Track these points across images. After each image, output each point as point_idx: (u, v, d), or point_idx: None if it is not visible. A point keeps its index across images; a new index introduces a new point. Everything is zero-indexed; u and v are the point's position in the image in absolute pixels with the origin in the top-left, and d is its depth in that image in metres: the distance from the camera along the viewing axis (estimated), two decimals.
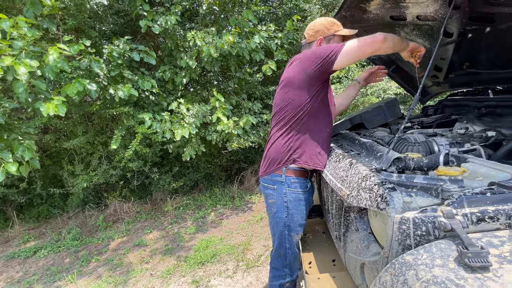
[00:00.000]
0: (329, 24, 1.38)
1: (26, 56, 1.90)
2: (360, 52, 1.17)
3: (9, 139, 1.95)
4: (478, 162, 0.85)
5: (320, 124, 1.30)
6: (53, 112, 1.96)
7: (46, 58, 1.96)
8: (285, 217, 1.29)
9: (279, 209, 1.30)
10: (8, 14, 3.04)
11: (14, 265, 2.98)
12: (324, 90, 1.29)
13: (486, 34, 1.18)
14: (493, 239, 0.59)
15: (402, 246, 0.69)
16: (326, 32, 1.37)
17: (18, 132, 2.03)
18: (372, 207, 0.81)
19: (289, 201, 1.28)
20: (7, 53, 1.88)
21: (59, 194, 4.36)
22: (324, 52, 1.18)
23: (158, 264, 2.57)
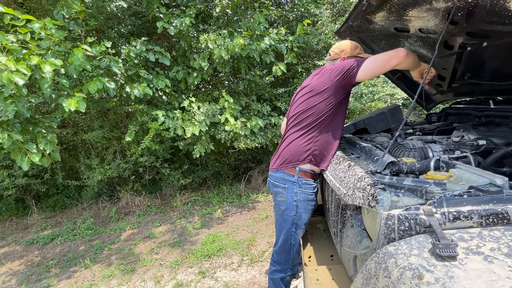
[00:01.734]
0: (353, 46, 1.54)
1: (52, 55, 2.06)
2: (382, 65, 1.27)
3: (34, 131, 2.11)
4: (464, 168, 0.93)
5: (337, 131, 1.42)
6: (74, 108, 2.12)
7: (71, 58, 2.11)
8: (294, 215, 1.39)
9: (288, 207, 1.39)
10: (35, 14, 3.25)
11: (34, 250, 3.19)
12: (346, 100, 1.43)
13: (484, 48, 1.25)
14: (464, 235, 0.68)
15: (388, 239, 0.78)
16: (350, 53, 1.52)
17: (43, 125, 2.20)
18: (364, 205, 0.90)
19: (299, 200, 1.38)
20: (35, 52, 2.05)
21: (75, 186, 4.59)
22: (348, 64, 1.31)
23: (167, 255, 2.71)
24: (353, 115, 3.81)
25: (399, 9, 1.35)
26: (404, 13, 1.36)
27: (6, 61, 1.70)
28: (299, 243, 1.43)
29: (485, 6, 1.00)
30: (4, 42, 1.78)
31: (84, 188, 4.62)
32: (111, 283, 2.34)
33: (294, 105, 1.53)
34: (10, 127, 1.93)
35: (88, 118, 3.79)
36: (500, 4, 0.96)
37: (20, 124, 2.03)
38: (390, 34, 1.63)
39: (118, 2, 3.28)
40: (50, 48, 2.18)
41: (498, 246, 0.62)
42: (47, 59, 2.06)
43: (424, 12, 1.26)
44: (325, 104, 1.37)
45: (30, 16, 2.13)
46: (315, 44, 4.00)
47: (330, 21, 3.92)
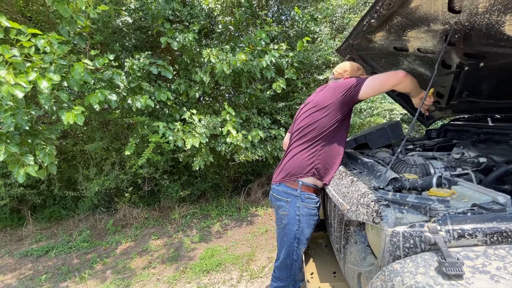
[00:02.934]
0: (356, 67, 1.62)
1: (55, 68, 2.10)
2: (382, 84, 1.34)
3: (33, 143, 2.12)
4: (467, 185, 0.94)
5: (340, 146, 1.45)
6: (72, 121, 2.14)
7: (72, 71, 2.15)
8: (296, 230, 1.38)
9: (290, 222, 1.38)
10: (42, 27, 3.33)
11: (27, 263, 3.11)
12: (348, 116, 1.47)
13: (481, 68, 1.29)
14: (469, 253, 0.68)
15: (393, 257, 0.78)
16: (353, 73, 1.59)
17: (42, 137, 2.21)
18: (369, 221, 0.90)
19: (301, 215, 1.37)
20: (39, 65, 2.09)
21: (72, 197, 4.54)
22: (351, 82, 1.38)
23: (164, 270, 2.65)
24: (353, 130, 3.85)
25: (398, 29, 1.40)
26: (403, 34, 1.41)
27: (6, 75, 1.74)
28: (301, 258, 1.41)
29: (481, 30, 1.05)
30: (7, 56, 1.82)
31: (81, 199, 4.57)
32: None
33: (298, 120, 1.56)
34: (9, 139, 1.94)
35: (89, 129, 3.80)
36: (495, 28, 1.00)
37: (20, 136, 2.04)
38: (389, 52, 1.68)
39: (123, 18, 3.37)
40: (54, 62, 2.22)
41: (504, 265, 0.62)
42: (46, 74, 2.09)
43: (423, 33, 1.31)
44: (329, 119, 1.40)
45: (35, 30, 2.18)
46: (315, 60, 4.10)
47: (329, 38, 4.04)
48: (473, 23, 1.04)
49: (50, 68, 2.19)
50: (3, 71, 1.74)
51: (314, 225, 1.42)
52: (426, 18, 1.18)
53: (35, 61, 2.14)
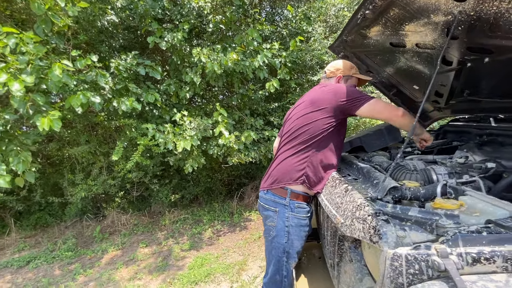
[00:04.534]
0: (349, 66, 1.52)
1: (31, 70, 1.96)
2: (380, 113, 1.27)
3: (7, 149, 1.97)
4: (477, 196, 0.82)
5: (334, 153, 1.32)
6: (48, 127, 1.99)
7: (50, 73, 2.01)
8: (285, 242, 1.25)
9: (279, 234, 1.26)
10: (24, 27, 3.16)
11: (6, 274, 2.93)
12: (344, 124, 1.38)
13: (485, 64, 1.18)
14: (488, 284, 0.56)
15: (394, 284, 0.66)
16: (346, 72, 1.49)
17: (17, 143, 2.06)
18: (365, 239, 0.78)
19: (290, 226, 1.25)
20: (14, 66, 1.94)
21: (58, 203, 4.35)
22: (356, 94, 1.27)
23: (150, 281, 2.50)
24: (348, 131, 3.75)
25: (395, 23, 1.29)
26: (400, 28, 1.30)
27: None
28: (291, 274, 1.29)
29: (488, 20, 0.94)
30: None
31: (68, 205, 4.39)
32: None
33: (289, 121, 1.44)
34: None
35: (74, 132, 3.63)
36: (505, 17, 0.89)
37: None
38: (385, 49, 1.57)
39: (109, 17, 3.23)
40: (30, 63, 2.07)
41: None
42: (18, 76, 1.93)
43: (422, 26, 1.20)
44: (323, 122, 1.29)
45: (11, 28, 2.04)
46: (309, 60, 4.00)
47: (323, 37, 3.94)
48: (479, 12, 0.93)
49: (26, 69, 2.05)
50: None
51: (306, 236, 1.29)
52: (427, 9, 1.07)
53: (10, 62, 1.99)
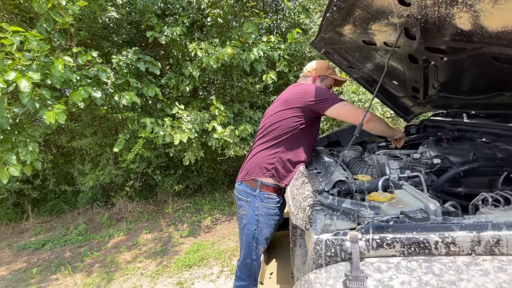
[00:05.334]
0: (326, 66, 1.58)
1: (36, 66, 2.11)
2: (346, 115, 1.35)
3: (16, 141, 2.16)
4: (409, 190, 0.90)
5: (304, 150, 1.40)
6: (54, 120, 2.16)
7: (53, 69, 2.16)
8: (254, 229, 1.37)
9: (249, 221, 1.38)
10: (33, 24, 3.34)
11: (23, 255, 3.23)
12: (316, 123, 1.45)
13: (446, 63, 1.22)
14: (382, 265, 0.65)
15: (316, 265, 0.76)
16: (322, 72, 1.55)
17: (26, 135, 2.25)
18: (302, 226, 0.88)
19: (260, 215, 1.36)
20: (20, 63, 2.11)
21: (71, 191, 4.66)
22: (323, 96, 1.34)
23: (149, 264, 2.71)
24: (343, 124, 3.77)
25: (362, 22, 1.34)
26: (367, 27, 1.35)
27: None
28: (260, 258, 1.40)
29: (435, 23, 0.98)
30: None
31: (80, 194, 4.69)
32: None
33: (265, 117, 1.53)
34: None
35: (81, 125, 3.85)
36: (447, 21, 0.93)
37: (3, 133, 2.08)
38: (360, 46, 1.61)
39: (110, 13, 3.35)
40: (35, 59, 2.24)
41: (410, 279, 0.59)
42: (25, 73, 2.09)
43: (384, 26, 1.24)
44: (293, 120, 1.37)
45: (18, 27, 2.20)
46: (307, 51, 4.00)
47: None
48: (425, 16, 0.97)
49: (32, 66, 2.21)
50: None
51: (275, 225, 1.40)
52: (383, 11, 1.12)
53: (16, 59, 2.16)
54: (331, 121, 3.79)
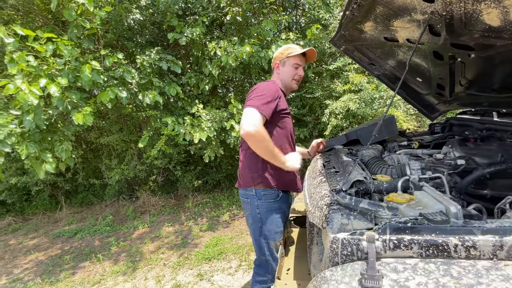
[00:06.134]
0: (283, 49, 1.49)
1: (68, 70, 2.27)
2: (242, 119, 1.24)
3: (52, 140, 2.35)
4: (428, 191, 0.89)
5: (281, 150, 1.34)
6: (82, 122, 2.31)
7: (82, 73, 2.31)
8: (260, 227, 1.40)
9: (254, 220, 1.41)
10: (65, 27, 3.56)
11: (58, 242, 3.50)
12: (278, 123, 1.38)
13: (473, 60, 1.16)
14: (399, 265, 0.66)
15: (332, 263, 0.77)
16: (280, 57, 1.48)
17: (60, 134, 2.43)
18: (319, 225, 0.90)
19: (261, 212, 1.38)
20: (54, 67, 2.28)
21: (99, 184, 4.96)
22: (250, 97, 1.31)
23: (171, 255, 2.84)
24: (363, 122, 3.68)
25: (383, 19, 1.31)
26: (389, 24, 1.32)
27: (21, 84, 1.92)
28: (274, 252, 1.42)
29: (461, 19, 0.95)
30: (21, 65, 2.00)
31: (107, 187, 4.97)
32: (118, 279, 2.50)
33: None
34: (30, 138, 2.17)
35: (108, 122, 4.07)
36: (474, 17, 0.90)
37: (40, 133, 2.26)
38: (381, 43, 1.57)
39: (134, 15, 3.49)
40: (67, 64, 2.40)
41: (427, 281, 0.60)
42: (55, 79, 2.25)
43: (407, 23, 1.21)
44: None
45: (51, 34, 2.36)
46: (327, 47, 3.93)
47: None
48: (450, 12, 0.94)
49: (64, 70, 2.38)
50: (19, 80, 1.93)
51: (281, 218, 1.40)
52: (406, 8, 1.09)
53: (50, 64, 2.34)
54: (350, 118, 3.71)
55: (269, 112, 1.28)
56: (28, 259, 3.13)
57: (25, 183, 4.32)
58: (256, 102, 1.25)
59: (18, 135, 2.26)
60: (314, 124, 4.14)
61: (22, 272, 2.86)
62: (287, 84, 1.49)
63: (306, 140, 4.14)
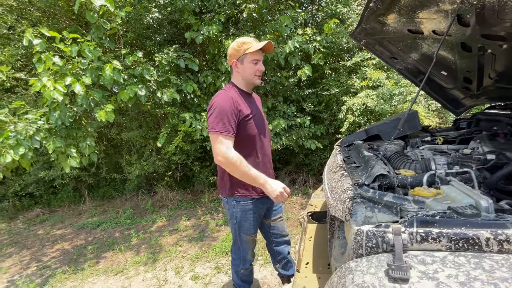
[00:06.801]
0: (238, 45, 1.39)
1: (91, 70, 2.38)
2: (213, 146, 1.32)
3: (76, 135, 2.46)
4: (456, 186, 0.86)
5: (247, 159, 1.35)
6: (104, 119, 2.41)
7: (103, 72, 2.41)
8: (235, 224, 1.54)
9: (231, 217, 1.55)
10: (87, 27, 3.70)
11: (82, 233, 3.68)
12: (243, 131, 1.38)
13: (505, 51, 1.11)
14: (427, 258, 0.65)
15: (356, 255, 0.78)
16: (236, 55, 1.40)
17: (84, 130, 2.55)
18: (342, 217, 0.90)
19: (236, 211, 1.49)
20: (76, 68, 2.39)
21: (119, 179, 5.14)
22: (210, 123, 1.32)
23: (189, 248, 2.91)
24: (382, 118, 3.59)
25: (408, 11, 1.28)
26: (414, 15, 1.28)
27: (47, 81, 2.03)
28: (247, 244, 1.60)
29: (494, 8, 0.91)
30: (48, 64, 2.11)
31: (127, 182, 5.15)
32: (139, 269, 2.60)
33: None
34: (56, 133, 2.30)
35: (128, 119, 4.21)
36: (508, 5, 0.86)
37: (66, 129, 2.38)
38: (405, 36, 1.53)
39: (153, 14, 3.58)
40: (90, 63, 2.51)
41: (457, 273, 0.59)
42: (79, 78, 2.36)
43: (433, 14, 1.17)
44: None
45: (76, 34, 2.47)
46: (345, 43, 3.86)
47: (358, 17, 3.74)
48: (482, 1, 0.91)
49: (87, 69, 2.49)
50: (45, 78, 2.04)
51: (254, 216, 1.50)
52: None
53: (74, 64, 2.45)
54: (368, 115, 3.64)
55: (232, 130, 1.31)
56: (55, 248, 3.32)
57: (52, 177, 4.55)
58: (217, 126, 1.28)
59: (46, 131, 2.40)
60: (330, 121, 4.09)
61: (49, 260, 3.03)
62: (249, 81, 1.44)
63: (322, 137, 4.10)
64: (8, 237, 3.87)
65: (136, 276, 2.49)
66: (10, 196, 5.04)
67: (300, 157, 4.56)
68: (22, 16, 3.72)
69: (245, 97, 1.45)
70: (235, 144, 1.33)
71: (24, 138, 2.17)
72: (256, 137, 1.45)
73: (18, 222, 4.42)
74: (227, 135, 1.28)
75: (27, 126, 2.25)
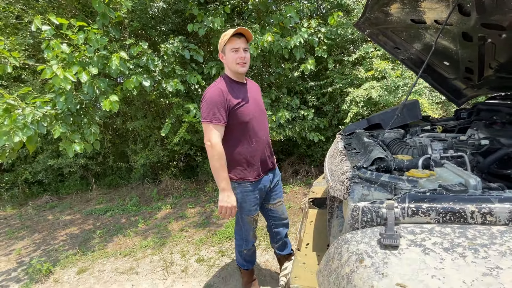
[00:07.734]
0: (221, 39, 1.49)
1: (97, 58, 2.43)
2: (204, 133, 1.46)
3: (82, 123, 2.54)
4: (449, 168, 0.91)
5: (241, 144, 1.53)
6: (109, 108, 2.47)
7: (110, 62, 2.46)
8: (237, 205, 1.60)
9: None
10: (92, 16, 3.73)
11: (90, 219, 3.81)
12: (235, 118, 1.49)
13: (505, 40, 1.14)
14: (416, 229, 0.71)
15: (352, 229, 0.84)
16: (220, 47, 1.52)
17: (90, 118, 2.62)
18: (340, 196, 0.96)
19: (237, 193, 1.56)
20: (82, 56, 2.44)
21: (125, 168, 5.25)
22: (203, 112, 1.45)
23: (194, 233, 3.01)
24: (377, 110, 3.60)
25: (411, 0, 1.30)
26: (417, 5, 1.31)
27: (56, 69, 2.10)
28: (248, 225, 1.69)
29: None
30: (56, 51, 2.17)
31: (132, 170, 5.26)
32: (147, 252, 2.71)
33: None
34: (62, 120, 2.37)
35: (133, 109, 4.27)
36: None
37: (72, 116, 2.46)
38: (408, 25, 1.56)
39: (158, 3, 3.59)
40: (96, 52, 2.55)
41: (442, 241, 0.65)
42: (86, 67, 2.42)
43: (435, 3, 1.20)
44: None
45: (83, 22, 2.52)
46: (349, 34, 3.84)
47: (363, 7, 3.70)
48: None
49: (93, 58, 2.54)
50: (55, 66, 2.10)
51: (255, 197, 1.60)
52: None
53: (81, 51, 2.50)
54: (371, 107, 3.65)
55: (223, 120, 1.43)
56: (64, 233, 3.45)
57: (61, 165, 4.67)
58: (208, 115, 1.41)
59: (52, 116, 2.46)
60: (333, 113, 4.12)
61: (60, 242, 3.16)
62: (234, 70, 1.51)
63: (325, 129, 4.13)
64: (20, 222, 4.01)
65: (144, 258, 2.60)
66: (20, 184, 5.19)
67: (303, 148, 4.61)
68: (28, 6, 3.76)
69: (235, 86, 1.53)
70: (228, 130, 1.48)
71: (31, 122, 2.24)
72: (249, 123, 1.54)
73: (29, 208, 4.57)
74: (217, 123, 1.42)
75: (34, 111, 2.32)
